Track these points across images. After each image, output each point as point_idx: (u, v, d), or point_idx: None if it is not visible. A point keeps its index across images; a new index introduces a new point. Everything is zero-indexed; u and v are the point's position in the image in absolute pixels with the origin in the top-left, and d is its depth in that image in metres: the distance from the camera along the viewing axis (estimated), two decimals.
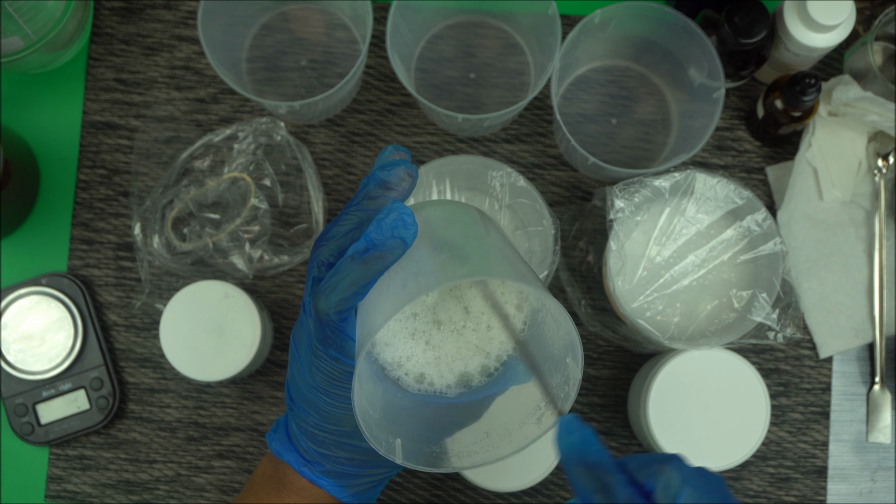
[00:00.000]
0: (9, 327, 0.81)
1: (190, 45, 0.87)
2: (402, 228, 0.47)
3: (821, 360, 0.85)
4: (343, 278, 0.48)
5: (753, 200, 0.76)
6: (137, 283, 0.85)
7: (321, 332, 0.51)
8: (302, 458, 0.57)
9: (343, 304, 0.49)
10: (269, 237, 0.83)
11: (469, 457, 0.52)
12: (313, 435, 0.56)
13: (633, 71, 0.87)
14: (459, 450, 0.52)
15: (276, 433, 0.59)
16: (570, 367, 0.50)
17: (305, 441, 0.56)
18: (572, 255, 0.84)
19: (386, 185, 0.51)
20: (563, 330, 0.51)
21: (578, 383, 0.50)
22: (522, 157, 0.86)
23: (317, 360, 0.52)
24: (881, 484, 0.84)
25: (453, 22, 0.87)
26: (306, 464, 0.57)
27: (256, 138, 0.83)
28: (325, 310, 0.49)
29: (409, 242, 0.48)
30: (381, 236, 0.47)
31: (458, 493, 0.83)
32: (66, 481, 0.83)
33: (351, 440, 0.55)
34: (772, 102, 0.80)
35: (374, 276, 0.48)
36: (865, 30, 0.84)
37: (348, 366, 0.52)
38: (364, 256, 0.48)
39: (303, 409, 0.55)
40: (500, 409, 0.54)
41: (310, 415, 0.55)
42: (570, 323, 0.48)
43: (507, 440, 0.52)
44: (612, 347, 0.85)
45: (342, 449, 0.56)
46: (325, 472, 0.57)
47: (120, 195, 0.86)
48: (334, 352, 0.51)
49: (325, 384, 0.53)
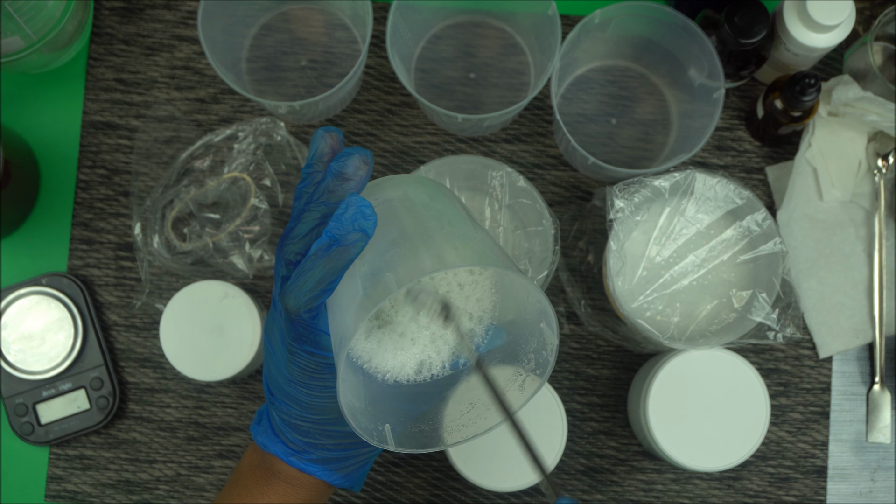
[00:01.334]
0: (9, 327, 0.81)
1: (190, 45, 0.87)
2: (362, 220, 0.48)
3: (821, 360, 0.85)
4: (310, 276, 0.49)
5: (753, 200, 0.76)
6: (137, 283, 0.85)
7: (294, 330, 0.51)
8: (288, 448, 0.57)
9: (312, 302, 0.49)
10: (269, 237, 0.83)
11: (459, 430, 0.53)
12: (297, 426, 0.56)
13: (633, 71, 0.87)
14: (448, 424, 0.53)
15: (259, 425, 0.59)
16: (546, 333, 0.51)
17: (290, 433, 0.57)
18: (572, 255, 0.84)
19: (342, 175, 0.51)
20: (532, 297, 0.51)
21: (555, 349, 0.50)
22: (522, 157, 0.86)
23: (292, 357, 0.53)
24: (881, 484, 0.84)
25: (453, 22, 0.87)
26: (294, 454, 0.57)
27: (256, 138, 0.83)
28: (294, 308, 0.50)
29: (371, 233, 0.48)
30: (342, 230, 0.48)
31: (458, 493, 0.83)
32: (66, 481, 0.83)
33: (336, 427, 0.55)
34: (772, 102, 0.80)
35: (341, 271, 0.49)
36: (865, 30, 0.84)
37: (325, 357, 0.52)
38: (328, 253, 0.48)
39: (284, 403, 0.55)
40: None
41: (291, 407, 0.55)
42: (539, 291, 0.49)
43: (493, 409, 0.52)
44: (612, 347, 0.85)
45: (327, 436, 0.56)
46: (312, 460, 0.57)
47: (120, 195, 0.86)
48: (309, 347, 0.52)
49: (303, 378, 0.53)
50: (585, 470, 0.84)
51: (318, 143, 0.53)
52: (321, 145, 0.53)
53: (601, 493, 0.83)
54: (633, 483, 0.84)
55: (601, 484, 0.84)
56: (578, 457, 0.84)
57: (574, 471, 0.84)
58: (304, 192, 0.53)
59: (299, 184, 0.53)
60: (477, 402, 0.53)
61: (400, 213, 0.52)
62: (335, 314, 0.50)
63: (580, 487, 0.83)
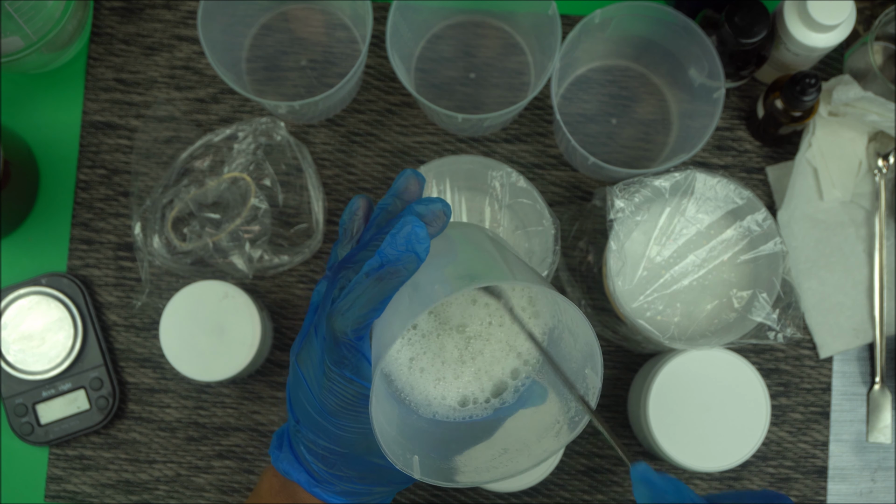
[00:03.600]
0: (9, 327, 0.81)
1: (190, 45, 0.87)
2: (416, 243, 0.47)
3: (821, 360, 0.85)
4: (359, 296, 0.48)
5: (753, 200, 0.76)
6: (137, 283, 0.85)
7: (337, 352, 0.50)
8: (312, 478, 0.57)
9: (360, 322, 0.49)
10: (269, 237, 0.83)
11: (487, 471, 0.52)
12: (324, 458, 0.55)
13: (633, 71, 0.87)
14: (477, 466, 0.52)
15: (280, 451, 0.58)
16: (590, 378, 0.50)
17: (315, 463, 0.56)
18: (572, 255, 0.84)
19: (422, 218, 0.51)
20: (581, 340, 0.50)
21: (598, 392, 0.50)
22: (522, 157, 0.86)
23: (329, 384, 0.52)
24: (881, 484, 0.84)
25: (453, 22, 0.87)
26: (317, 484, 0.56)
27: (256, 138, 0.83)
28: (342, 329, 0.49)
29: (423, 257, 0.48)
30: (395, 251, 0.47)
31: (458, 493, 0.83)
32: (66, 481, 0.83)
33: (363, 460, 0.55)
34: (772, 102, 0.80)
35: (390, 293, 0.48)
36: (865, 30, 0.84)
37: (362, 388, 0.51)
38: (379, 273, 0.48)
39: (311, 433, 0.55)
40: (518, 426, 0.54)
41: (319, 438, 0.54)
42: (590, 330, 0.48)
43: (525, 455, 0.52)
44: (612, 347, 0.85)
45: (353, 469, 0.55)
46: (336, 492, 0.57)
47: (120, 195, 0.86)
48: (349, 373, 0.51)
49: (336, 409, 0.52)
50: (585, 470, 0.84)
51: (403, 182, 0.54)
52: (406, 184, 0.54)
53: (601, 493, 0.83)
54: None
55: (601, 484, 0.84)
56: (578, 457, 0.84)
57: (574, 471, 0.84)
58: (376, 223, 0.53)
59: (373, 214, 0.54)
60: (511, 448, 0.53)
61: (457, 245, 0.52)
62: (379, 336, 0.49)
63: (580, 487, 0.83)
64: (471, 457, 0.53)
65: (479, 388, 0.54)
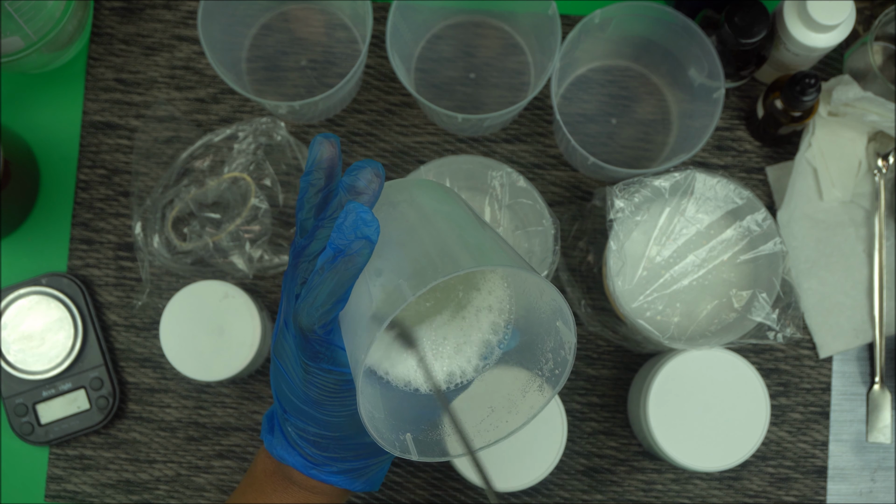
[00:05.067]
0: (9, 327, 0.81)
1: (190, 45, 0.87)
2: (364, 226, 0.46)
3: (821, 360, 0.85)
4: (320, 291, 0.47)
5: (753, 200, 0.76)
6: (137, 283, 0.85)
7: (309, 348, 0.50)
8: (307, 461, 0.57)
9: (326, 317, 0.48)
10: (270, 237, 0.83)
11: (480, 435, 0.52)
12: (316, 442, 0.55)
13: (633, 71, 0.87)
14: (469, 430, 0.52)
15: (272, 435, 0.58)
16: (563, 332, 0.50)
17: (309, 448, 0.56)
18: (572, 255, 0.84)
19: (355, 189, 0.50)
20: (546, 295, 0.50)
21: (574, 347, 0.49)
22: (522, 157, 0.86)
23: (309, 377, 0.51)
24: (881, 484, 0.84)
25: (453, 22, 0.87)
26: (313, 466, 0.57)
27: (256, 138, 0.83)
28: (308, 325, 0.48)
29: (375, 239, 0.47)
30: (344, 240, 0.46)
31: (458, 493, 0.83)
32: (66, 481, 0.83)
33: (355, 439, 0.55)
34: (772, 102, 0.80)
35: (350, 282, 0.47)
36: (865, 30, 0.84)
37: (342, 374, 0.51)
38: (334, 265, 0.47)
39: (300, 421, 0.54)
40: (499, 382, 0.53)
41: (308, 425, 0.54)
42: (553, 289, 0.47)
43: (514, 413, 0.52)
44: (612, 347, 0.85)
45: (347, 449, 0.56)
46: (333, 472, 0.57)
47: (120, 195, 0.86)
48: (326, 364, 0.50)
49: (320, 398, 0.52)
50: (585, 470, 0.84)
51: (316, 150, 0.51)
52: (319, 152, 0.51)
53: (601, 493, 0.83)
54: (633, 483, 0.84)
55: (601, 484, 0.84)
56: (578, 457, 0.84)
57: (574, 471, 0.84)
58: (306, 202, 0.51)
59: (300, 193, 0.52)
60: (497, 405, 0.52)
61: (408, 216, 0.51)
62: (349, 327, 0.49)
63: (580, 487, 0.83)
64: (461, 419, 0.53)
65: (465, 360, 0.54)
